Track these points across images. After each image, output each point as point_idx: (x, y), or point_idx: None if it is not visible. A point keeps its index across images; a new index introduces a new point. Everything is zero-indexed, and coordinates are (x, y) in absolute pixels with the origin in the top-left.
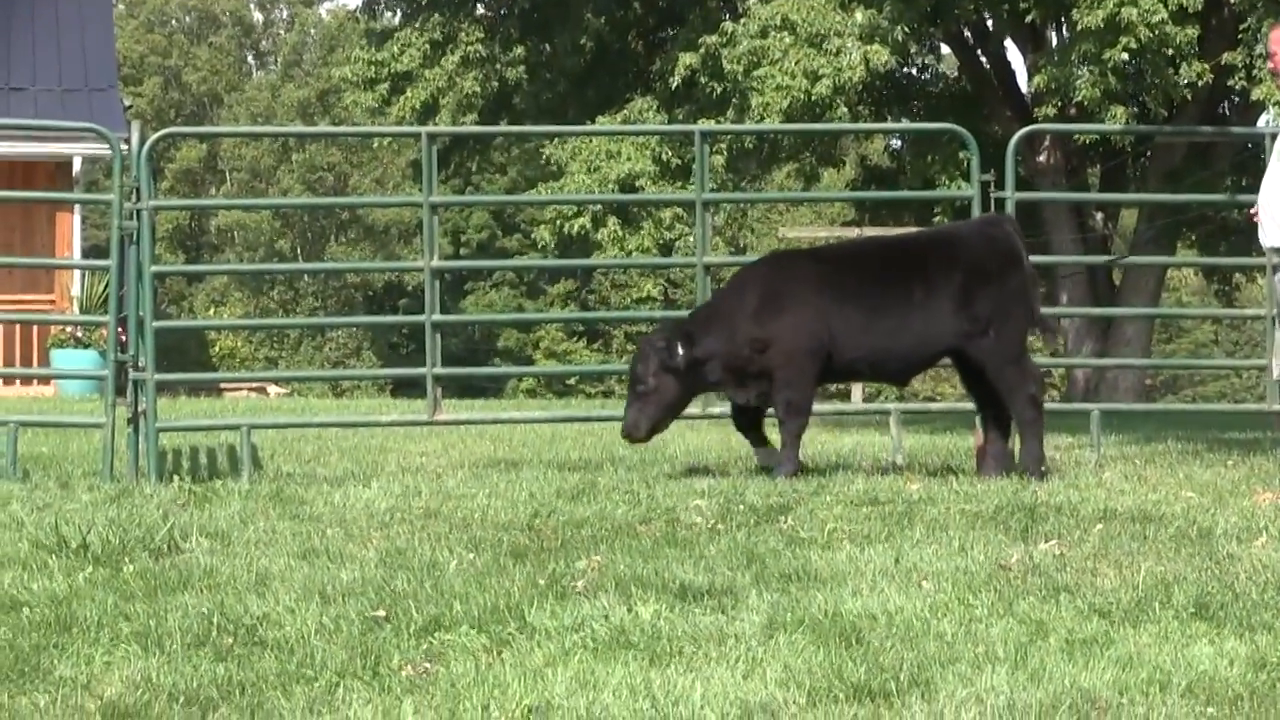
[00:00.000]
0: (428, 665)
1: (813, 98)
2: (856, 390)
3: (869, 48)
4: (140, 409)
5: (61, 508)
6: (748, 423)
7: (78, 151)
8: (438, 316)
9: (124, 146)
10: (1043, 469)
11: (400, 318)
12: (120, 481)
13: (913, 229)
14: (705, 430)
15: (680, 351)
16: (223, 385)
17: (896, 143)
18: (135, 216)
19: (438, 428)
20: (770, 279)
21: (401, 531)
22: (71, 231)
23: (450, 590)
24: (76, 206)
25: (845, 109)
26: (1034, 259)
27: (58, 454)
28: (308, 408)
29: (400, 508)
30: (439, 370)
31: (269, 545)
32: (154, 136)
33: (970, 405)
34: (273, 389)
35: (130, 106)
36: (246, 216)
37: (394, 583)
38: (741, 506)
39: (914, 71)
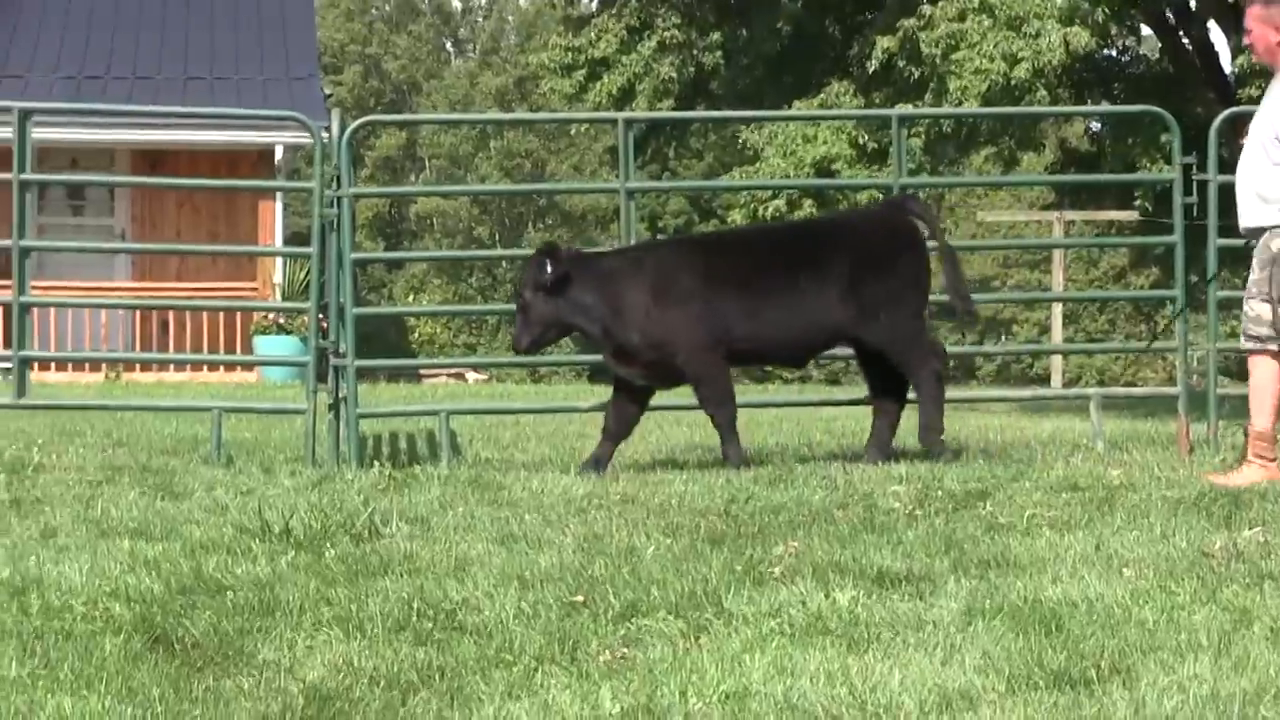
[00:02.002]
0: (625, 651)
1: (1011, 81)
2: (1056, 375)
3: (1069, 30)
4: (341, 395)
5: (264, 493)
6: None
7: (280, 140)
8: None
9: (325, 135)
10: (941, 441)
11: None
12: (322, 467)
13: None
14: (903, 415)
15: (549, 269)
16: (422, 371)
17: (1097, 126)
18: (336, 204)
19: None
20: (662, 273)
21: (599, 517)
22: (274, 219)
23: (648, 576)
24: (278, 194)
25: (1045, 92)
26: (1233, 242)
27: (261, 439)
28: (506, 393)
29: (597, 493)
30: None
31: (468, 530)
32: (354, 124)
33: (1172, 390)
34: (471, 375)
35: (331, 95)
36: (445, 203)
37: (591, 568)
38: (940, 492)
39: (1114, 53)
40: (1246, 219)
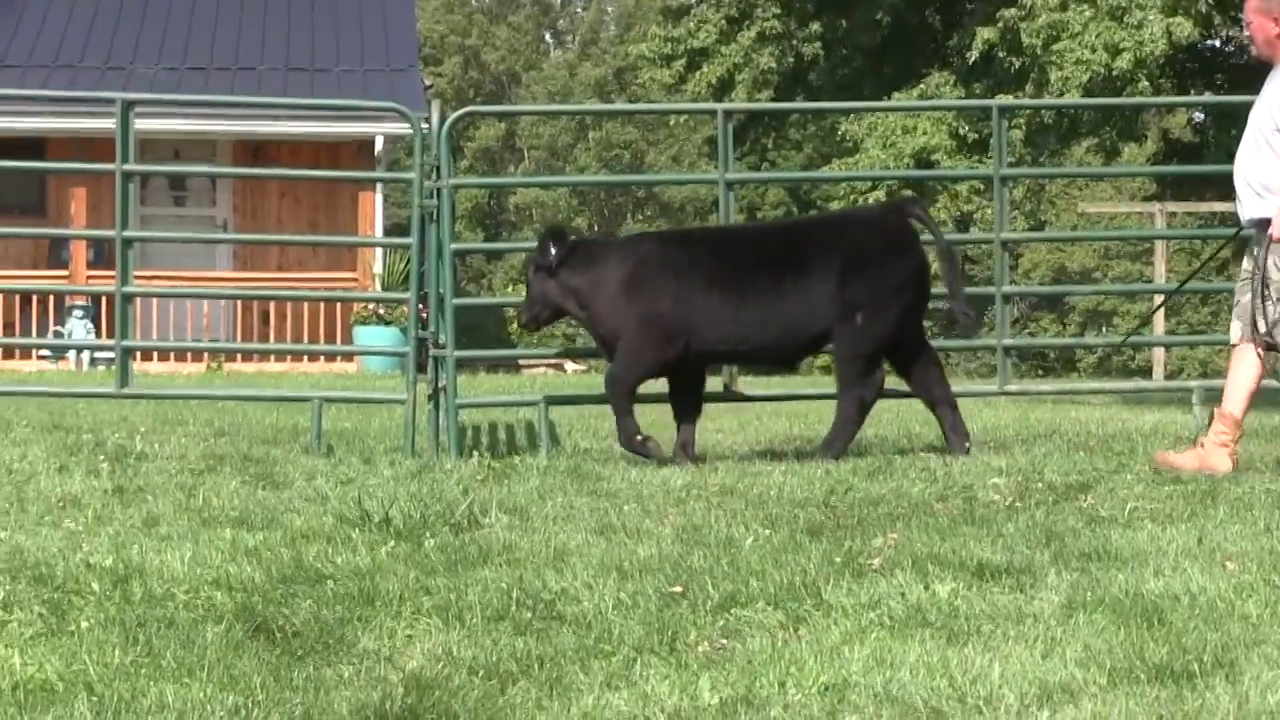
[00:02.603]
0: (724, 642)
1: (1113, 71)
2: (1158, 367)
3: (1171, 20)
4: (441, 385)
5: (364, 482)
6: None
7: (380, 131)
8: None
9: (424, 126)
10: (833, 461)
11: None
12: (421, 457)
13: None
14: (1003, 407)
15: (552, 251)
16: (521, 362)
17: (1199, 116)
18: (435, 195)
19: (724, 404)
20: (638, 264)
21: (698, 508)
22: (374, 210)
23: (746, 567)
24: (378, 185)
25: (1147, 82)
26: None
27: (360, 429)
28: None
29: (696, 484)
30: None
31: (567, 521)
32: (454, 116)
33: (1273, 384)
34: (570, 366)
35: (430, 86)
36: (544, 194)
37: (690, 559)
38: (1040, 484)
39: (1217, 43)
40: (1251, 211)
